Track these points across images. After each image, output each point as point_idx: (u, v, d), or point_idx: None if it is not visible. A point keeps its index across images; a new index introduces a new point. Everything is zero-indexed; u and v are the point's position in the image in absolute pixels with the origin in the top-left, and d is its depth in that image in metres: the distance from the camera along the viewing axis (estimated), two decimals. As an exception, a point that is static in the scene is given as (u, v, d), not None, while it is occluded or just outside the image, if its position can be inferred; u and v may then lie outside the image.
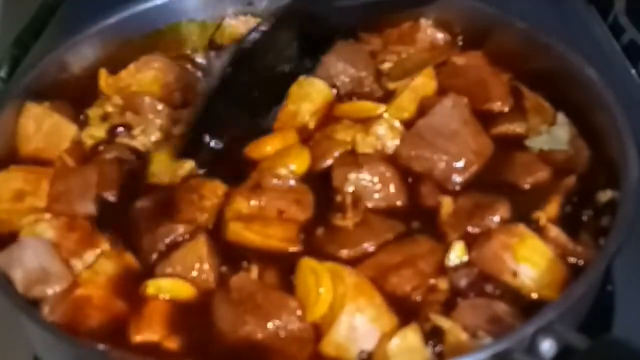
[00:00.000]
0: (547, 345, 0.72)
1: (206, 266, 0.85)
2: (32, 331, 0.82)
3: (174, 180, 0.96)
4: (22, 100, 1.01)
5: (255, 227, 0.89)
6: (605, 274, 0.78)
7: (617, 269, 0.88)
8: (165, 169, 0.98)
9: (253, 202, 0.90)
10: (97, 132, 1.02)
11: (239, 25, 1.17)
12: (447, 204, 0.90)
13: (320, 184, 0.94)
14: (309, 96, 1.04)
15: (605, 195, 0.87)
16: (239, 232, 0.88)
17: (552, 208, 0.87)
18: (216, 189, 0.93)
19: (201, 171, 0.97)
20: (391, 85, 1.06)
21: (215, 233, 0.90)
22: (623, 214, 0.81)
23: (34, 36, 1.25)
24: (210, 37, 1.18)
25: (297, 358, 0.78)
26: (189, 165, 0.98)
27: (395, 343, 0.76)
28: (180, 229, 0.89)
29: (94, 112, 1.04)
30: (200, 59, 1.16)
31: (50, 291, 0.82)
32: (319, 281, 0.80)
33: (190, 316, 0.82)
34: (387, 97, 1.04)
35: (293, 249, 0.88)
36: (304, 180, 0.94)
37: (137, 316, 0.82)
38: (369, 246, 0.87)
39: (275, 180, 0.93)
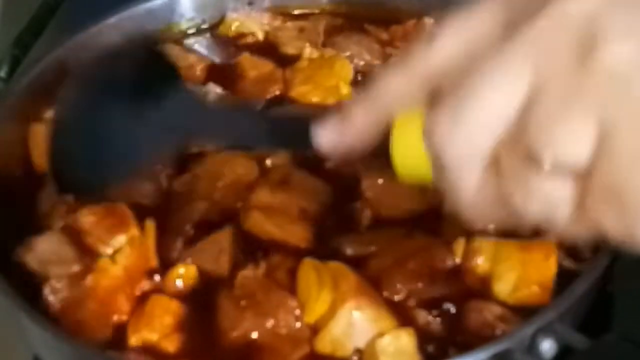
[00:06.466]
0: (547, 345, 0.72)
1: (225, 258, 0.85)
2: (32, 331, 0.82)
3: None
4: (22, 100, 1.01)
5: (276, 220, 0.88)
6: (605, 274, 0.78)
7: (617, 269, 0.88)
8: None
9: (277, 196, 0.90)
10: None
11: (242, 18, 1.17)
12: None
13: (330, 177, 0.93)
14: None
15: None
16: (260, 222, 0.88)
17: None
18: (236, 167, 0.93)
19: None
20: None
21: (235, 220, 0.89)
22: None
23: (34, 36, 1.25)
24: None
25: (291, 357, 0.78)
26: None
27: (386, 341, 0.75)
28: (202, 206, 0.89)
29: None
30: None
31: (60, 272, 0.82)
32: (321, 281, 0.80)
33: (193, 313, 0.82)
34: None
35: (305, 245, 0.87)
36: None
37: (137, 314, 0.81)
38: (374, 248, 0.86)
39: (302, 176, 0.92)
